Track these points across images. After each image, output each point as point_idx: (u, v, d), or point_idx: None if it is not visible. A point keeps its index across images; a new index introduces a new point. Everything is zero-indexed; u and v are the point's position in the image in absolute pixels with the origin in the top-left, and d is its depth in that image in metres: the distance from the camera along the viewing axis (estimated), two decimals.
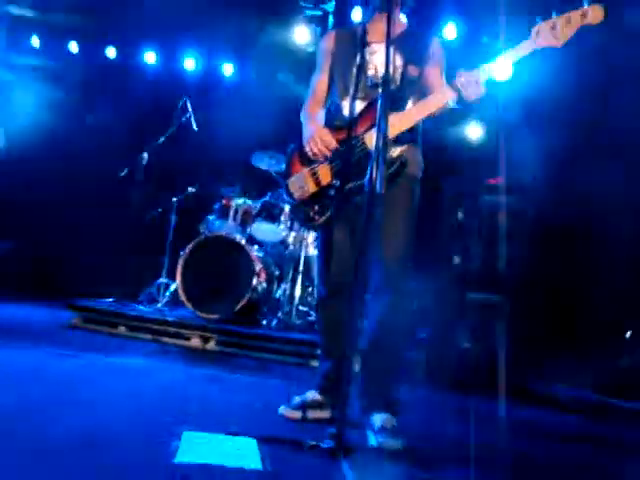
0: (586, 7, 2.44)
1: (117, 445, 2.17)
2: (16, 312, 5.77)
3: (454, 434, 3.12)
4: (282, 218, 5.71)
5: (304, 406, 2.90)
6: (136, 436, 2.31)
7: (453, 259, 5.16)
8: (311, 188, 2.88)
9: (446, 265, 5.23)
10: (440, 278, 5.18)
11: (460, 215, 5.24)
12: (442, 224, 5.33)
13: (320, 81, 3.07)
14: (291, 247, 5.75)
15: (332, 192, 2.80)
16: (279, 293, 5.70)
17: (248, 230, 5.71)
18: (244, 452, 2.21)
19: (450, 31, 6.35)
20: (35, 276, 6.83)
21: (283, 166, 3.11)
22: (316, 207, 2.85)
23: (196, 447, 2.18)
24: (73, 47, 7.73)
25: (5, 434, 2.15)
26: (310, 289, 5.76)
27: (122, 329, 5.05)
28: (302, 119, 3.03)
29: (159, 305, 5.62)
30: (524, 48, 2.53)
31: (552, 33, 2.47)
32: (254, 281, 5.22)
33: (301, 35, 6.99)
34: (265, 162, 5.95)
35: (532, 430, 3.70)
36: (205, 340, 4.90)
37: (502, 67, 2.60)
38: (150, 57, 7.71)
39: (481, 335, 4.89)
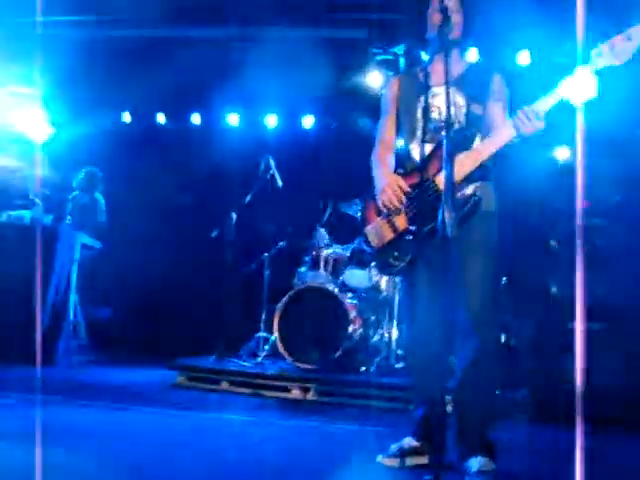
0: None
1: None
2: (122, 374, 5.99)
3: (562, 476, 3.00)
4: (373, 264, 5.72)
5: (402, 453, 2.88)
6: None
7: (550, 289, 5.01)
8: (388, 235, 2.91)
9: (543, 296, 5.08)
10: (538, 310, 5.03)
11: (553, 243, 5.10)
12: (534, 253, 5.20)
13: (388, 127, 3.12)
14: (384, 291, 5.74)
15: (409, 237, 2.82)
16: (376, 338, 5.68)
17: (340, 278, 5.76)
18: None
19: (524, 57, 6.28)
20: (137, 339, 7.10)
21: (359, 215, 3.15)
22: (395, 253, 2.87)
23: None
24: (160, 118, 8.13)
25: None
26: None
27: (224, 385, 5.17)
28: (372, 165, 3.08)
29: (259, 359, 5.71)
30: (583, 72, 2.51)
31: (612, 53, 2.44)
32: (350, 329, 5.24)
33: (375, 80, 7.09)
34: (352, 208, 6.01)
35: None
36: (305, 391, 4.95)
37: (577, 88, 2.57)
38: (233, 119, 7.99)
39: (588, 365, 4.69)
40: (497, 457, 2.66)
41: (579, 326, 4.84)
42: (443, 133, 2.44)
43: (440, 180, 2.70)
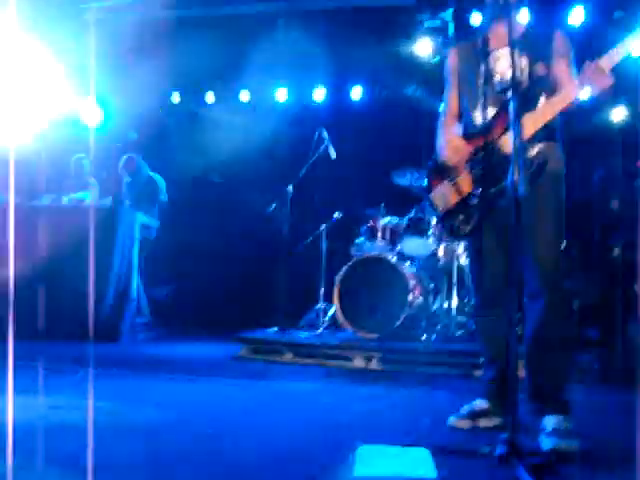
0: None
1: (300, 462, 2.32)
2: (187, 349, 6.15)
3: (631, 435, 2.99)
4: (430, 232, 5.73)
5: (473, 415, 2.91)
6: (315, 453, 2.46)
7: (613, 251, 4.95)
8: (453, 199, 2.92)
9: (606, 258, 5.02)
10: (602, 272, 4.98)
11: (615, 203, 5.03)
12: (596, 215, 5.13)
13: (451, 97, 3.11)
14: (442, 259, 5.74)
15: (475, 200, 2.82)
16: (436, 306, 5.71)
17: (398, 247, 5.78)
18: (419, 463, 2.27)
19: (577, 15, 6.13)
20: (199, 316, 7.26)
21: (425, 181, 3.16)
22: (461, 217, 2.88)
23: (372, 460, 2.27)
24: (210, 97, 8.21)
25: (202, 453, 2.40)
26: (466, 299, 5.73)
27: (288, 356, 5.26)
28: (438, 131, 3.09)
29: (320, 330, 5.79)
30: None
31: None
32: (410, 297, 5.27)
33: (423, 47, 7.02)
34: (406, 178, 6.01)
35: None
36: (368, 360, 5.00)
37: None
38: (281, 94, 8.02)
39: None
40: (572, 416, 2.67)
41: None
42: (507, 95, 2.42)
43: (505, 142, 2.69)
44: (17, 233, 5.33)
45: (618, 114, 6.57)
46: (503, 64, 2.82)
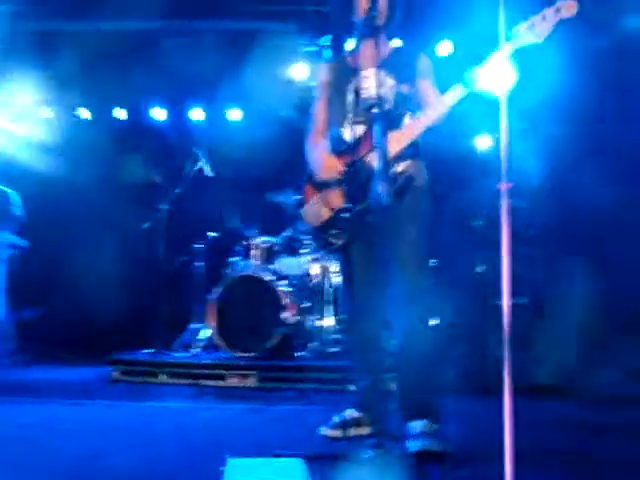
0: (559, 3, 2.57)
1: (172, 475, 2.28)
2: (57, 373, 5.89)
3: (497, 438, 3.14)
4: (304, 250, 5.82)
5: (344, 424, 2.98)
6: (187, 467, 2.43)
7: (475, 268, 5.22)
8: (325, 214, 3.00)
9: (469, 275, 5.29)
10: (466, 289, 5.23)
11: (477, 223, 5.31)
12: (459, 235, 5.40)
13: (319, 111, 3.21)
14: (316, 278, 5.83)
15: (346, 215, 2.91)
16: (310, 324, 5.78)
17: (272, 266, 5.82)
18: (291, 470, 2.29)
19: (445, 47, 6.46)
20: (69, 338, 6.96)
21: (297, 197, 3.23)
22: (333, 231, 2.96)
23: (242, 470, 2.27)
24: (84, 114, 7.97)
25: (80, 475, 2.30)
26: (340, 317, 5.83)
27: (162, 377, 5.16)
28: (307, 151, 3.17)
29: (195, 350, 5.72)
30: (507, 49, 2.65)
31: (531, 31, 2.60)
32: (284, 315, 5.31)
33: (300, 71, 7.17)
34: (281, 197, 6.08)
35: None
36: (243, 378, 4.99)
37: (496, 77, 2.72)
38: (159, 114, 7.92)
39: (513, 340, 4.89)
40: (439, 421, 2.79)
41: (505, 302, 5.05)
42: (374, 112, 2.53)
43: (372, 158, 2.80)
44: None
45: (482, 141, 6.97)
46: (370, 82, 2.93)
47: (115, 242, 7.06)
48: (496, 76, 2.71)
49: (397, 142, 2.77)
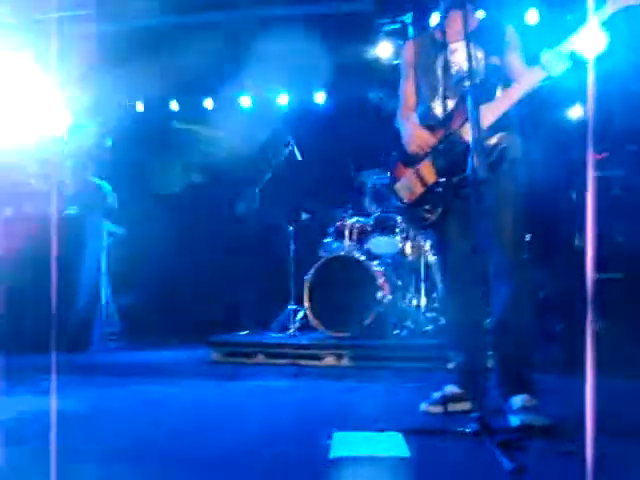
0: None
1: (279, 449, 2.37)
2: (158, 355, 6.12)
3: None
4: (397, 230, 5.82)
5: (444, 400, 2.98)
6: (293, 442, 2.50)
7: (574, 241, 5.07)
8: (418, 189, 2.99)
9: (567, 248, 5.15)
10: (563, 263, 5.10)
11: (573, 194, 5.16)
12: (556, 206, 5.26)
13: (407, 88, 3.20)
14: (410, 257, 5.83)
15: (439, 189, 2.90)
16: (405, 303, 5.79)
17: (365, 246, 5.85)
18: (392, 444, 2.32)
19: (532, 16, 6.28)
20: (169, 322, 7.22)
21: (389, 175, 3.24)
22: (426, 206, 2.96)
23: (347, 444, 2.32)
24: (173, 105, 8.21)
25: (187, 451, 2.42)
26: (434, 295, 5.81)
27: (260, 358, 5.29)
28: (398, 125, 3.17)
29: (291, 331, 5.83)
30: (604, 12, 2.57)
31: None
32: (378, 295, 5.34)
33: (384, 51, 7.13)
34: (372, 178, 6.10)
35: None
36: (339, 357, 5.06)
37: (589, 40, 2.64)
38: (245, 101, 8.06)
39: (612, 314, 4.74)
40: (538, 395, 2.76)
41: (590, 276, 4.88)
42: (465, 85, 2.51)
43: (465, 131, 2.77)
44: None
45: (575, 111, 6.76)
46: (460, 56, 2.90)
47: (209, 226, 7.27)
48: (587, 41, 2.64)
49: (490, 114, 2.74)
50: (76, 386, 4.02)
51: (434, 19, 6.49)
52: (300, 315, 5.97)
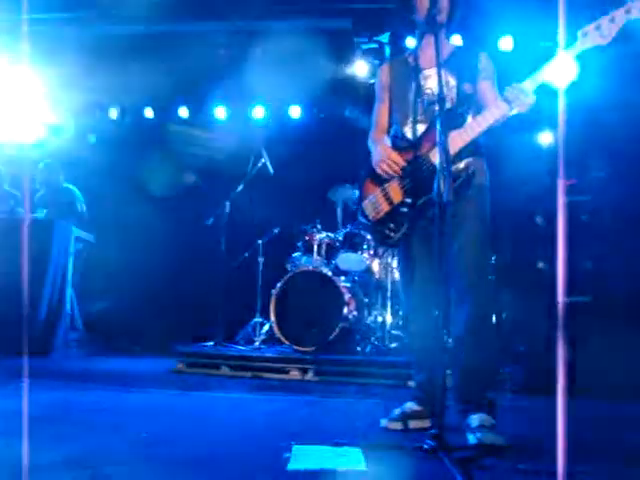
0: (630, 3, 2.56)
1: (237, 460, 2.39)
2: (122, 363, 6.12)
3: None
4: (365, 246, 5.88)
5: (404, 417, 3.03)
6: (251, 453, 2.52)
7: (537, 264, 5.18)
8: (384, 207, 3.05)
9: (531, 272, 5.25)
10: (527, 285, 5.20)
11: (539, 219, 5.27)
12: (521, 231, 5.37)
13: (381, 111, 3.27)
14: (377, 274, 5.89)
15: (405, 209, 2.96)
16: (370, 320, 5.84)
17: (333, 262, 5.90)
18: (350, 458, 2.36)
19: (507, 42, 6.42)
20: (134, 330, 7.19)
21: (356, 192, 3.29)
22: (391, 225, 3.01)
23: (305, 457, 2.35)
24: (148, 113, 8.21)
25: (146, 458, 2.43)
26: (400, 313, 5.87)
27: (224, 369, 5.30)
28: (369, 146, 3.23)
29: (256, 344, 5.85)
30: (571, 51, 2.66)
31: (597, 33, 2.60)
32: (345, 310, 5.38)
33: (361, 69, 7.22)
34: (341, 195, 6.16)
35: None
36: (304, 371, 5.09)
37: (559, 71, 2.73)
38: (220, 112, 8.09)
39: (573, 338, 4.84)
40: (497, 415, 2.81)
41: (561, 299, 5.00)
42: (436, 110, 2.58)
43: (434, 155, 2.84)
44: None
45: (545, 137, 6.90)
46: (433, 82, 2.97)
47: (179, 237, 7.28)
48: (558, 71, 2.73)
49: (459, 140, 2.81)
50: (36, 389, 3.99)
51: (410, 41, 6.61)
52: (266, 328, 6.00)
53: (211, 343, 5.87)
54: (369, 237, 5.82)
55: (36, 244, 5.85)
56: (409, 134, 3.01)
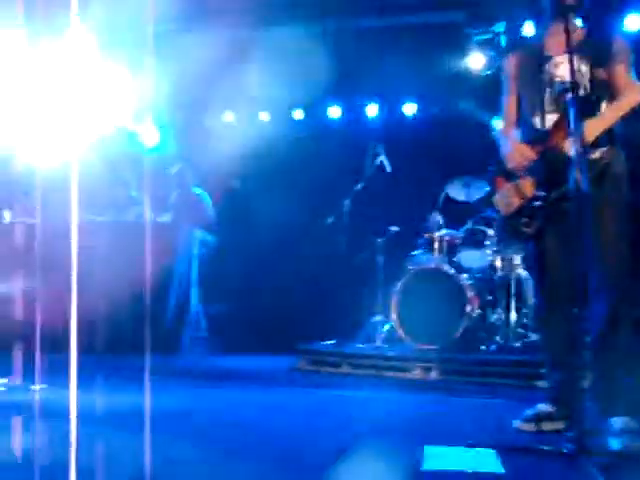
0: None
1: (372, 457, 2.37)
2: (245, 361, 6.27)
3: None
4: (487, 243, 5.74)
5: (538, 418, 2.92)
6: (383, 452, 2.50)
7: None
8: (516, 202, 2.96)
9: None
10: None
11: None
12: None
13: (509, 103, 3.16)
14: (500, 271, 5.73)
15: (538, 203, 2.86)
16: (494, 318, 5.68)
17: (455, 259, 5.80)
18: (485, 460, 2.30)
19: (633, 22, 6.08)
20: (255, 329, 7.32)
21: (483, 192, 3.21)
22: (523, 220, 2.92)
23: (439, 457, 2.31)
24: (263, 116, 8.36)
25: (276, 455, 2.48)
26: (524, 310, 5.69)
27: (345, 368, 5.32)
28: (499, 140, 3.14)
29: (377, 343, 5.83)
30: None
31: None
32: (468, 308, 5.27)
33: (476, 61, 7.05)
34: (461, 190, 6.03)
35: None
36: (426, 370, 5.02)
37: None
38: (334, 111, 8.13)
39: None
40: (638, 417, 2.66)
41: None
42: (568, 96, 2.46)
43: (567, 146, 2.71)
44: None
45: None
46: (563, 70, 2.84)
47: (299, 238, 7.37)
48: None
49: (594, 129, 2.68)
50: (168, 387, 4.16)
51: (527, 29, 6.40)
52: (387, 327, 5.97)
53: (332, 342, 5.90)
54: (490, 233, 5.68)
55: (161, 247, 6.08)
56: (539, 125, 2.90)
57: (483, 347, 5.40)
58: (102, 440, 2.53)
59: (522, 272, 5.60)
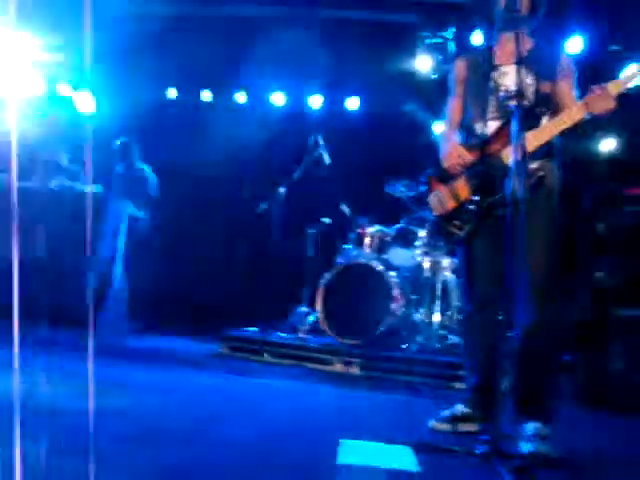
0: None
1: (285, 449, 2.36)
2: (165, 342, 6.21)
3: (610, 451, 3.04)
4: (417, 243, 5.80)
5: (454, 419, 2.97)
6: (300, 442, 2.49)
7: (594, 274, 5.02)
8: (450, 204, 2.98)
9: (587, 281, 5.10)
10: (582, 295, 5.05)
11: (600, 228, 5.11)
12: (581, 238, 5.22)
13: (454, 106, 3.17)
14: (427, 272, 5.80)
15: (471, 207, 2.89)
16: (418, 317, 5.76)
17: (384, 257, 5.83)
18: (401, 457, 2.31)
19: (576, 44, 6.24)
20: (180, 311, 7.22)
21: (415, 191, 3.23)
22: (456, 222, 2.94)
23: (354, 452, 2.31)
24: (206, 95, 8.23)
25: (192, 439, 2.43)
26: (448, 313, 5.78)
27: (266, 356, 5.30)
28: (439, 141, 3.16)
29: (300, 333, 5.82)
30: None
31: None
32: (393, 306, 5.31)
33: (423, 63, 7.12)
34: (397, 189, 6.07)
35: None
36: (347, 364, 5.04)
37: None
38: (278, 98, 8.07)
39: (632, 354, 4.68)
40: (553, 424, 2.73)
41: None
42: (511, 105, 2.50)
43: (506, 154, 2.75)
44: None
45: (607, 144, 6.72)
46: (509, 79, 2.88)
47: (230, 223, 7.29)
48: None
49: (534, 140, 2.72)
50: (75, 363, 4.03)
51: (477, 38, 6.49)
52: (311, 318, 5.96)
53: (255, 329, 5.86)
54: (422, 234, 5.74)
55: (83, 218, 5.90)
56: (481, 131, 2.93)
57: (404, 346, 5.46)
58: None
59: (449, 275, 5.69)
